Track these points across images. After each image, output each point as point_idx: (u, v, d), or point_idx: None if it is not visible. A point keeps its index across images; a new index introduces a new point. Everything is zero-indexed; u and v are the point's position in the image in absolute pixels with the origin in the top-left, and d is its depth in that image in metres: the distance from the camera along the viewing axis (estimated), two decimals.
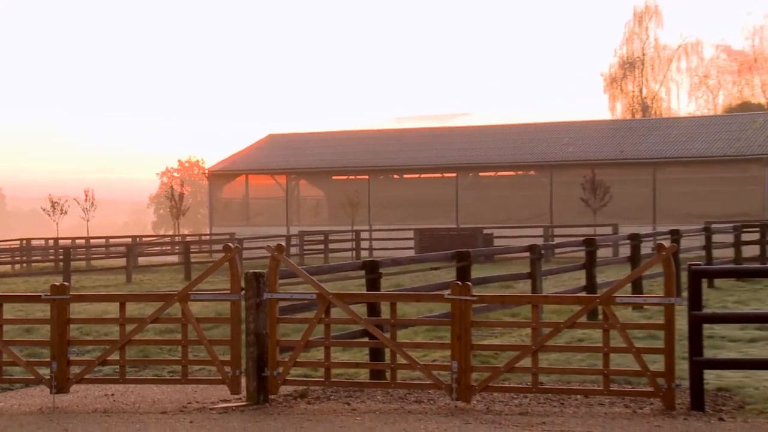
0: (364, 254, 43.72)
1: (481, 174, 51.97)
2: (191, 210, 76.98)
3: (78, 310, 17.37)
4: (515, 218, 46.88)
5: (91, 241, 49.34)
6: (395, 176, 53.87)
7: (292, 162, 55.36)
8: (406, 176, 53.70)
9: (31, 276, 37.13)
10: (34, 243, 50.18)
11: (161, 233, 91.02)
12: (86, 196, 53.13)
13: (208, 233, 53.99)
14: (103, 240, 51.34)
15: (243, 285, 11.30)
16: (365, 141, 57.10)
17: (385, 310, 12.15)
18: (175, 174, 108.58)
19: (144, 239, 54.09)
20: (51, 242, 48.74)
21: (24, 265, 44.36)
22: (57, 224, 51.06)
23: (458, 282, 11.43)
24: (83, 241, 49.32)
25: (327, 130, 62.67)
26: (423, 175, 53.06)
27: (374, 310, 12.41)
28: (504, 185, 51.22)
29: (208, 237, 51.78)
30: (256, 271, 11.37)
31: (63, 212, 51.67)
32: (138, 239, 50.65)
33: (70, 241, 48.85)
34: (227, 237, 46.41)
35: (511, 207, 48.61)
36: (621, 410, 10.25)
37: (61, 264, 35.64)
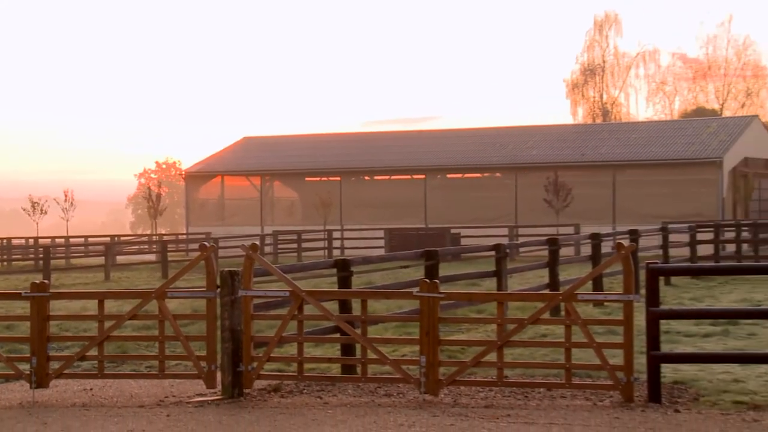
0: (336, 253, 43.64)
1: (449, 176, 52.04)
2: (168, 210, 76.62)
3: (57, 307, 17.22)
4: (481, 218, 46.97)
5: (71, 240, 48.96)
6: (366, 178, 53.84)
7: (267, 164, 55.21)
8: (377, 178, 53.68)
9: (12, 274, 36.80)
10: (15, 242, 49.65)
11: (139, 233, 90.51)
12: (66, 197, 52.79)
13: (185, 233, 53.68)
14: (83, 239, 50.95)
15: (218, 283, 11.26)
16: (337, 144, 57.03)
17: (356, 307, 12.14)
18: (153, 175, 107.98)
19: (122, 238, 53.73)
20: (31, 241, 48.29)
21: (4, 264, 43.95)
22: (37, 224, 50.63)
23: (426, 280, 11.44)
24: (63, 240, 48.92)
25: (300, 133, 62.56)
26: (393, 177, 53.05)
27: (346, 307, 12.40)
28: (471, 187, 51.32)
29: (185, 236, 51.48)
30: (232, 270, 11.33)
31: (43, 212, 51.26)
32: (116, 238, 50.30)
33: (50, 240, 48.40)
34: (203, 236, 46.21)
35: (478, 207, 48.70)
36: (582, 403, 10.30)
37: (41, 262, 35.32)
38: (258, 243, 13.67)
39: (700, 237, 28.52)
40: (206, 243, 11.91)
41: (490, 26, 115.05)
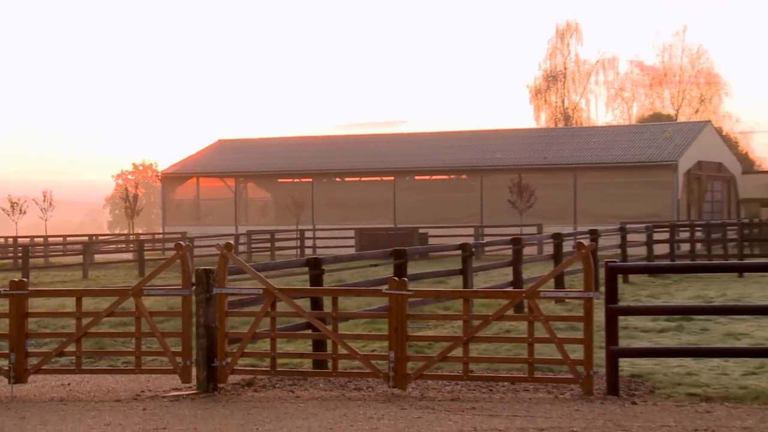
0: (308, 252, 43.58)
1: (417, 177, 52.13)
2: (145, 210, 76.10)
3: (36, 305, 17.03)
4: (448, 219, 47.08)
5: (49, 240, 48.49)
6: (337, 179, 53.81)
7: (241, 165, 55.04)
8: (348, 179, 53.67)
9: None
10: None
11: (116, 232, 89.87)
12: (44, 197, 52.32)
13: (161, 232, 53.41)
14: (61, 238, 50.49)
15: (194, 281, 11.22)
16: (309, 146, 56.96)
17: (328, 304, 12.13)
18: (130, 176, 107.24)
19: (100, 238, 53.35)
20: (10, 240, 47.81)
21: None
22: (16, 223, 50.12)
23: (395, 278, 11.45)
24: (41, 240, 48.48)
25: (273, 136, 62.39)
26: (363, 179, 53.07)
27: (317, 304, 12.38)
28: (438, 188, 51.43)
29: (161, 236, 51.21)
30: (206, 268, 11.29)
31: (22, 212, 50.75)
32: (94, 238, 49.91)
33: (29, 240, 47.96)
34: (179, 236, 45.97)
35: (445, 208, 48.80)
36: (544, 396, 10.34)
37: (20, 261, 34.95)
38: (232, 242, 13.60)
39: (657, 237, 28.76)
40: (182, 242, 11.84)
41: (457, 34, 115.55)
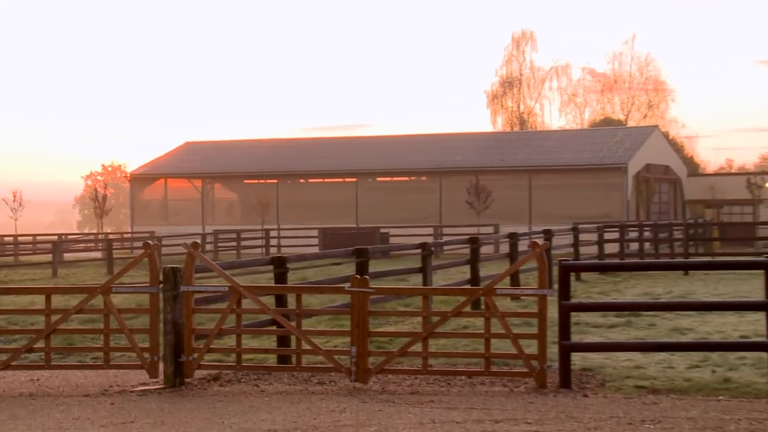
0: (273, 251, 43.43)
1: (379, 179, 52.15)
2: (114, 210, 75.34)
3: (6, 302, 16.84)
4: (409, 219, 47.14)
5: (19, 239, 47.88)
6: (301, 180, 53.68)
7: (208, 167, 54.74)
8: (312, 180, 53.56)
9: None
10: None
11: (86, 231, 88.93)
12: (14, 197, 51.69)
13: (130, 232, 52.95)
14: (31, 237, 49.88)
15: (161, 279, 11.13)
16: (275, 148, 56.78)
17: (292, 301, 12.09)
18: (99, 177, 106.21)
19: (69, 237, 52.76)
20: None
21: None
22: None
23: (357, 276, 11.44)
24: (11, 239, 47.85)
25: (240, 139, 62.12)
26: (326, 180, 52.99)
27: (281, 301, 12.34)
28: (399, 189, 51.49)
29: (130, 235, 50.77)
30: (174, 266, 11.21)
31: None
32: (64, 237, 49.35)
33: None
34: (147, 235, 45.58)
35: (405, 209, 48.86)
36: (500, 389, 10.38)
37: None
38: (199, 241, 13.53)
39: (607, 236, 28.99)
40: (150, 241, 11.74)
41: (418, 42, 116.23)
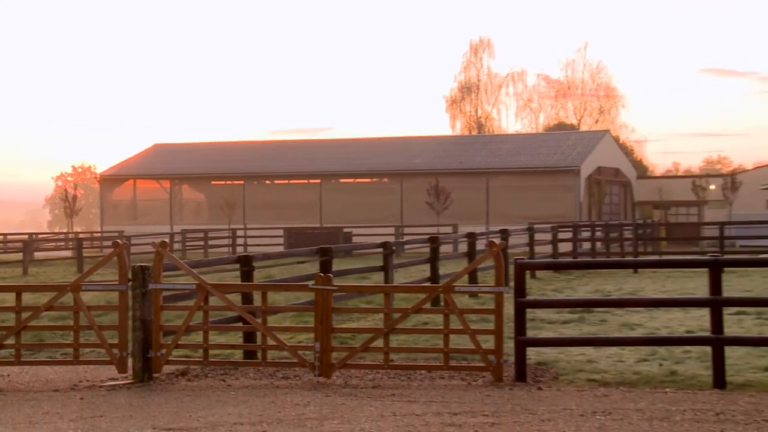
0: (240, 250, 43.22)
1: (342, 180, 52.09)
2: (84, 210, 74.48)
3: None
4: (371, 219, 47.15)
5: None
6: (267, 182, 53.47)
7: (176, 168, 54.38)
8: (277, 182, 53.38)
9: None
10: None
11: (56, 231, 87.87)
12: None
13: (99, 231, 52.40)
14: (2, 236, 49.19)
15: (130, 277, 11.03)
16: (241, 150, 56.53)
17: (257, 299, 12.04)
18: (69, 178, 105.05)
19: (40, 236, 52.04)
20: None
21: None
22: None
23: (321, 274, 11.42)
24: None
25: (207, 141, 61.75)
26: (291, 181, 52.84)
27: (248, 299, 12.28)
28: (361, 190, 51.49)
29: (99, 234, 50.24)
30: (142, 265, 11.12)
31: None
32: (34, 236, 48.69)
33: None
34: (116, 234, 45.16)
35: (368, 209, 48.88)
36: (458, 383, 10.41)
37: None
38: (167, 240, 13.41)
39: (561, 236, 29.20)
40: (119, 240, 11.64)
41: (381, 48, 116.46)
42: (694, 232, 42.37)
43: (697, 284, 20.33)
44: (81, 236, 48.51)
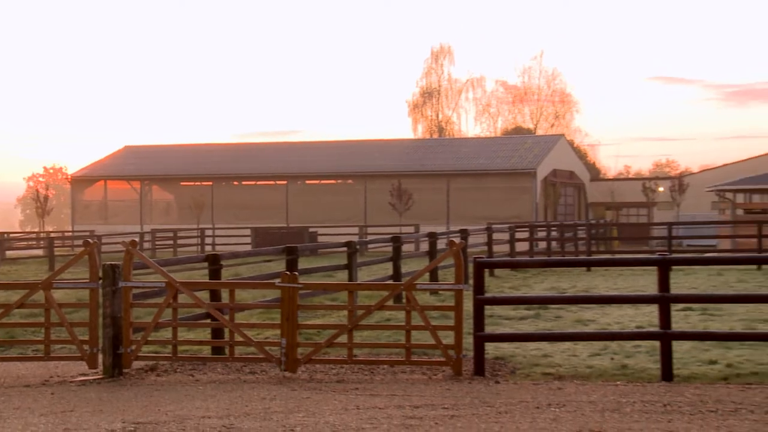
0: (208, 249, 42.95)
1: (308, 182, 51.99)
2: (55, 210, 73.60)
3: None
4: (335, 219, 47.10)
5: None
6: (235, 183, 53.20)
7: (146, 170, 53.93)
8: (245, 183, 53.13)
9: None
10: None
11: (28, 230, 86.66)
12: None
13: (71, 230, 51.80)
14: None
15: (101, 275, 10.92)
16: (210, 153, 56.17)
17: (225, 296, 11.98)
18: (41, 179, 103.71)
19: (11, 235, 51.28)
20: None
21: None
22: None
23: (287, 272, 11.38)
24: None
25: (177, 143, 61.28)
26: (259, 182, 52.62)
27: (216, 296, 12.20)
28: (326, 191, 51.41)
29: (71, 234, 49.65)
30: (113, 263, 11.01)
31: None
32: (6, 235, 47.98)
33: None
34: (88, 234, 44.66)
35: (333, 210, 48.82)
36: (419, 377, 10.43)
37: None
38: (137, 240, 13.30)
39: (518, 235, 29.36)
40: (90, 240, 11.51)
41: (345, 54, 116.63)
42: (644, 232, 42.87)
43: (647, 282, 20.57)
44: (52, 235, 47.90)
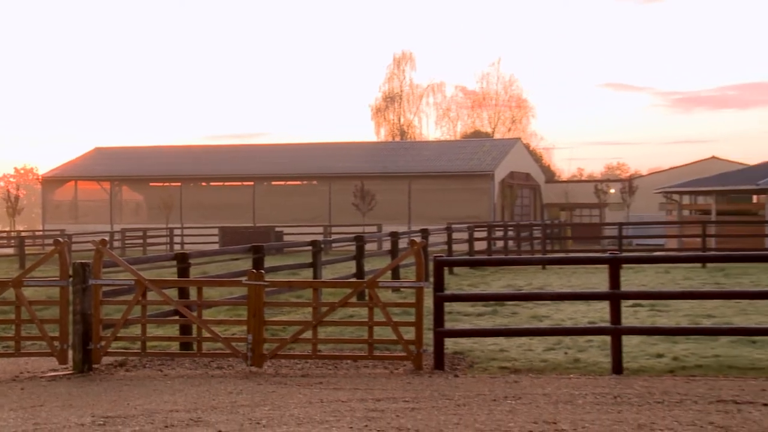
0: (177, 248, 42.59)
1: (274, 183, 51.76)
2: (26, 210, 72.54)
3: None
4: (301, 219, 46.96)
5: None
6: (203, 184, 52.81)
7: (116, 170, 53.32)
8: (213, 184, 52.76)
9: None
10: None
11: None
12: None
13: (41, 230, 51.05)
14: None
15: (71, 273, 10.78)
16: (179, 154, 55.71)
17: (193, 294, 11.88)
18: (12, 179, 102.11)
19: None
20: None
21: None
22: None
23: (254, 270, 11.33)
24: None
25: (146, 145, 60.69)
26: (226, 183, 52.28)
27: (184, 294, 12.12)
28: (292, 192, 51.24)
29: (41, 233, 48.94)
30: (83, 262, 10.88)
31: None
32: None
33: None
34: (58, 233, 44.05)
35: (298, 210, 48.66)
36: (381, 371, 10.44)
37: None
38: (107, 239, 13.13)
39: (477, 235, 29.50)
40: (60, 238, 11.36)
41: (310, 59, 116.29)
42: (596, 232, 43.31)
43: (599, 279, 20.77)
44: (23, 234, 47.17)
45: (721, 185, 37.00)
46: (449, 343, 11.38)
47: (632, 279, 21.24)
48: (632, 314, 14.54)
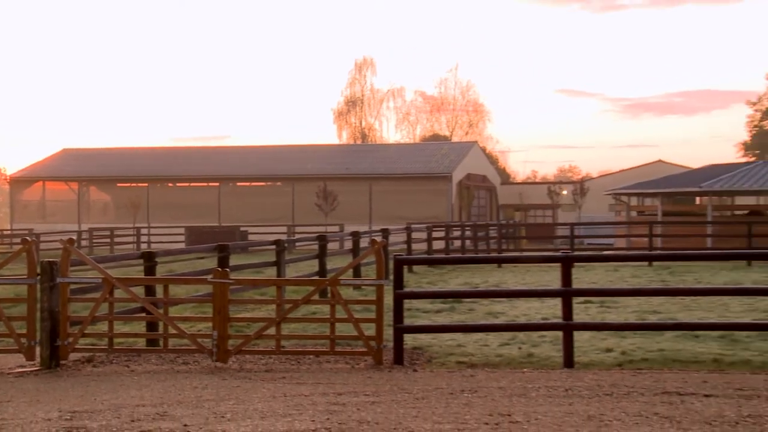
0: (144, 247, 42.12)
1: (239, 184, 51.45)
2: None
3: None
4: (265, 219, 46.72)
5: None
6: (170, 184, 52.31)
7: (84, 171, 52.60)
8: (179, 184, 52.28)
9: None
10: None
11: None
12: None
13: (9, 229, 50.16)
14: None
15: (39, 271, 10.61)
16: (146, 155, 55.12)
17: (160, 291, 11.77)
18: None
19: None
20: None
21: None
22: None
23: (219, 269, 11.25)
24: None
25: (114, 146, 59.97)
26: (192, 184, 51.85)
27: (151, 291, 12.00)
28: (257, 193, 50.96)
29: (9, 232, 48.08)
30: (51, 260, 10.71)
31: None
32: None
33: None
34: (26, 232, 43.32)
35: (262, 210, 48.41)
36: (343, 366, 10.43)
37: None
38: (75, 238, 12.95)
39: (435, 235, 29.61)
40: (28, 237, 11.17)
41: (273, 64, 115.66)
42: (549, 232, 43.73)
43: (552, 277, 20.96)
44: None
45: (667, 187, 37.57)
46: (408, 339, 11.40)
47: (583, 277, 21.47)
48: (583, 310, 14.70)
